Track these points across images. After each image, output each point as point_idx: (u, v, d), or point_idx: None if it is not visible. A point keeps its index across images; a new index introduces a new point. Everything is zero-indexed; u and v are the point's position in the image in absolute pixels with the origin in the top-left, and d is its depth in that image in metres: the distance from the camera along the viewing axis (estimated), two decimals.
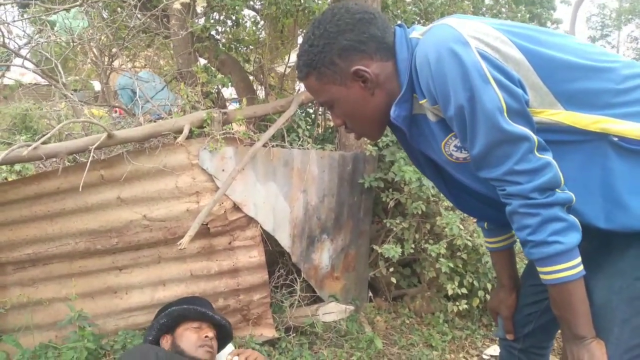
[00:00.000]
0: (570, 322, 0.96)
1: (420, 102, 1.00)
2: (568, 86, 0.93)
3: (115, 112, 3.46)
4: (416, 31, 1.03)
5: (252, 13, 3.36)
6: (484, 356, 2.57)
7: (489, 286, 2.73)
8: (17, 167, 3.20)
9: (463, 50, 0.89)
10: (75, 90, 2.94)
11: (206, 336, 1.57)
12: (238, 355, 1.52)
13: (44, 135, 1.96)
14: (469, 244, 2.62)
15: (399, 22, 1.09)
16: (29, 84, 3.27)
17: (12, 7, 2.59)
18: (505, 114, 0.89)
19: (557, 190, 0.92)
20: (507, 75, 0.90)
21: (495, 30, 0.94)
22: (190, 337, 1.56)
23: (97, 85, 4.35)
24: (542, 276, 0.97)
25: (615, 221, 0.93)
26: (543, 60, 0.93)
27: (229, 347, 1.82)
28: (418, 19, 3.11)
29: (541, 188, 0.90)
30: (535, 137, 0.91)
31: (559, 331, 1.23)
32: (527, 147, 0.90)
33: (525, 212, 0.93)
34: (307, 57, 1.03)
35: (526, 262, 1.49)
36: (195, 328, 1.60)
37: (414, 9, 3.23)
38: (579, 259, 0.93)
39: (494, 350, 2.60)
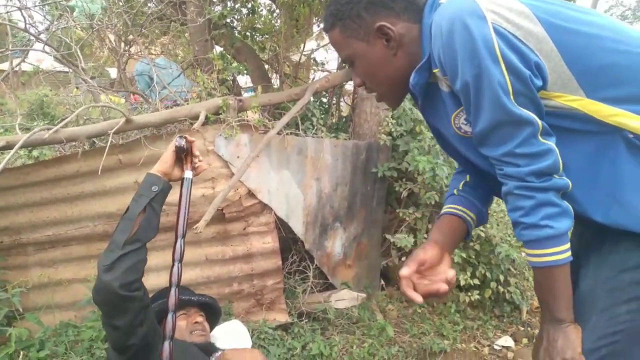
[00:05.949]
0: (551, 305, 0.96)
1: (434, 70, 0.97)
2: (595, 74, 0.88)
3: (130, 98, 3.50)
4: None
5: (268, 1, 3.36)
6: (496, 346, 2.57)
7: (502, 277, 2.72)
8: (35, 153, 3.25)
9: (476, 24, 0.85)
10: (92, 78, 2.97)
11: (195, 322, 1.59)
12: None
13: (62, 120, 1.99)
14: (482, 234, 2.60)
15: None
16: (47, 70, 3.29)
17: None
18: (511, 96, 0.86)
19: (554, 175, 0.90)
20: (521, 56, 0.86)
21: (521, 4, 0.88)
22: (179, 325, 1.55)
23: (112, 73, 4.38)
24: (529, 259, 0.96)
25: (612, 218, 0.92)
26: (570, 42, 0.87)
27: (229, 324, 1.83)
28: None
29: (539, 172, 0.89)
30: (540, 122, 0.88)
31: (535, 318, 1.22)
32: (530, 131, 0.87)
33: (520, 194, 0.91)
34: (335, 7, 1.01)
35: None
36: (182, 315, 1.59)
37: None
38: (567, 245, 0.92)
39: (505, 341, 2.60)
